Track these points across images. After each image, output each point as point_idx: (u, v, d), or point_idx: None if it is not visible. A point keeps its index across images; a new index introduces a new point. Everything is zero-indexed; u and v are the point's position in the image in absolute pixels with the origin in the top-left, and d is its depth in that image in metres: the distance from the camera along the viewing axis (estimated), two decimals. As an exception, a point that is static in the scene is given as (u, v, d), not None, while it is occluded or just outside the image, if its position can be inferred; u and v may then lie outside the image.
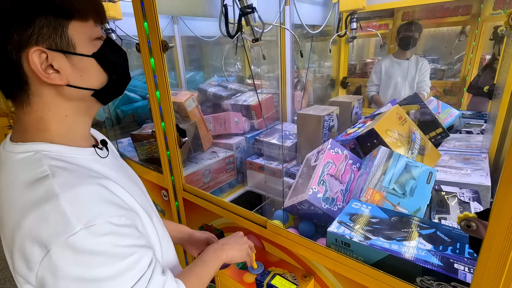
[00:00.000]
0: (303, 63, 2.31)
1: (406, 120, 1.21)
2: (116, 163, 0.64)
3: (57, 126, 0.52)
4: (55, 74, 0.48)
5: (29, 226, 0.44)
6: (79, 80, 0.51)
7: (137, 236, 0.51)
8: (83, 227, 0.43)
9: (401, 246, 0.72)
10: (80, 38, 0.49)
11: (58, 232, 0.43)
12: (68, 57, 0.48)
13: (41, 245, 0.43)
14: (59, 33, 0.47)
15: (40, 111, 0.51)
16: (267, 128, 1.89)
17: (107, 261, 0.45)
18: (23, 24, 0.44)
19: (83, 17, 0.49)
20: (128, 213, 0.51)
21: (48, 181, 0.46)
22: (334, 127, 1.58)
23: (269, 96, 1.94)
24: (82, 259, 0.43)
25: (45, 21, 0.45)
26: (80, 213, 0.44)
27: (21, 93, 0.49)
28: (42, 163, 0.48)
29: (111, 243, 0.46)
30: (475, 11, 2.57)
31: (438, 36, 3.11)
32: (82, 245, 0.43)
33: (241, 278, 0.92)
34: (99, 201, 0.48)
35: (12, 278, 2.27)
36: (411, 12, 2.84)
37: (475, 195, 0.93)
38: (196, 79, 2.62)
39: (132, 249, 0.49)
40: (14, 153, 0.50)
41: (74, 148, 0.53)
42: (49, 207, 0.44)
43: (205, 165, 1.56)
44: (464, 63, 2.77)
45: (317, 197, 0.95)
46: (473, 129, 1.53)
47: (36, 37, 0.45)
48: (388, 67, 2.34)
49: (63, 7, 0.46)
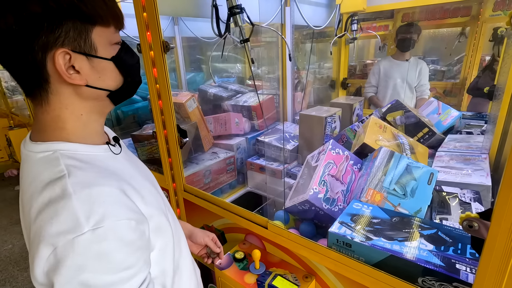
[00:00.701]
0: (304, 64, 2.32)
1: (386, 127, 1.30)
2: (128, 159, 0.66)
3: (73, 125, 0.55)
4: (76, 75, 0.51)
5: (42, 222, 0.46)
6: (97, 81, 0.54)
7: (141, 246, 0.52)
8: (91, 229, 0.45)
9: (403, 246, 0.72)
10: (102, 42, 0.53)
11: (67, 230, 0.45)
12: (89, 59, 0.52)
13: (49, 243, 0.45)
14: (83, 37, 0.50)
15: (57, 110, 0.53)
16: (267, 128, 1.89)
17: (105, 268, 0.46)
18: (52, 26, 0.47)
19: (106, 23, 0.53)
20: (138, 216, 0.52)
21: (64, 180, 0.48)
22: (336, 129, 1.58)
23: (269, 97, 1.94)
24: (82, 262, 0.45)
25: (72, 25, 0.48)
26: (90, 214, 0.46)
27: (41, 91, 0.52)
28: (60, 163, 0.51)
29: (114, 248, 0.47)
30: (475, 13, 2.58)
31: (438, 37, 3.12)
32: (87, 246, 0.45)
33: (242, 279, 0.92)
34: (111, 203, 0.49)
35: (12, 279, 2.27)
36: (411, 13, 2.85)
37: (476, 196, 0.93)
38: (197, 80, 2.63)
39: (131, 261, 0.50)
40: (34, 152, 0.53)
41: (89, 145, 0.56)
42: (61, 205, 0.46)
43: (206, 165, 1.56)
44: (464, 64, 2.78)
45: (318, 198, 0.95)
46: (473, 130, 1.53)
47: (63, 39, 0.48)
48: (386, 68, 2.34)
49: (89, 14, 0.50)
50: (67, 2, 0.47)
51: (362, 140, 1.19)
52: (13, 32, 0.46)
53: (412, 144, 1.26)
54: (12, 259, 2.48)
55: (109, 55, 0.54)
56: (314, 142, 1.53)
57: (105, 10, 0.52)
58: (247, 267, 0.96)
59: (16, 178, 4.07)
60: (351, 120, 1.79)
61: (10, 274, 2.32)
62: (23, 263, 2.42)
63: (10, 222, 3.02)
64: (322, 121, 1.47)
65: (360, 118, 1.84)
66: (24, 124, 3.45)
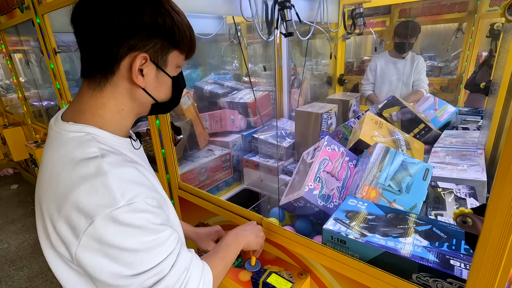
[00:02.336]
0: (300, 60, 2.30)
1: (382, 123, 1.29)
2: (144, 157, 0.73)
3: (111, 115, 0.60)
4: (140, 77, 0.58)
5: (78, 197, 0.50)
6: (153, 89, 0.61)
7: (165, 218, 0.58)
8: (125, 204, 0.50)
9: (397, 242, 0.71)
10: (172, 62, 0.61)
11: (104, 205, 0.49)
12: (157, 71, 0.60)
13: (87, 215, 0.49)
14: (163, 53, 0.59)
15: (106, 99, 0.59)
16: (263, 125, 1.88)
17: (144, 234, 0.51)
18: (148, 36, 0.55)
19: (183, 51, 0.62)
20: (158, 196, 0.58)
21: (98, 159, 0.53)
22: (332, 125, 1.57)
23: (265, 94, 1.93)
24: (123, 230, 0.49)
25: (161, 42, 0.57)
26: (124, 190, 0.51)
27: (102, 78, 0.57)
28: (94, 144, 0.55)
29: (147, 220, 0.52)
30: (472, 8, 2.57)
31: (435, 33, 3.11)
32: (124, 218, 0.49)
33: (237, 276, 0.91)
34: (138, 183, 0.54)
35: (8, 278, 2.25)
36: (408, 9, 2.84)
37: (471, 191, 0.93)
38: (193, 77, 2.60)
39: (163, 227, 0.55)
40: (67, 131, 0.57)
41: (116, 136, 0.61)
42: (98, 181, 0.50)
43: (201, 163, 1.55)
44: (460, 60, 2.77)
45: (313, 194, 0.95)
46: (469, 125, 1.53)
47: (148, 48, 0.56)
48: (383, 65, 2.33)
49: (177, 40, 0.59)
50: (169, 25, 0.56)
51: (358, 136, 1.18)
52: (118, 26, 0.53)
53: (408, 140, 1.25)
54: (8, 258, 2.47)
55: (172, 74, 0.63)
56: (310, 138, 1.53)
57: (188, 42, 0.61)
58: (242, 265, 0.96)
59: (12, 177, 4.04)
60: (348, 116, 1.78)
61: (6, 274, 2.30)
62: (19, 262, 2.41)
63: (6, 221, 3.00)
64: (318, 117, 1.46)
65: (356, 114, 1.84)
66: (18, 122, 3.42)
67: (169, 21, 0.56)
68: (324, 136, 1.48)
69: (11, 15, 2.31)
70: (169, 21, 0.56)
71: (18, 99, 3.15)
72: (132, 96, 0.60)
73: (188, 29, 0.60)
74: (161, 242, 0.54)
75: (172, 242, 0.56)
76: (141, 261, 0.51)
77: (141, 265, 0.51)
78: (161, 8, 0.55)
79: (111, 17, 0.52)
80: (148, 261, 0.52)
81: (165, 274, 0.54)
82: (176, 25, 0.57)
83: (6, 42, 2.85)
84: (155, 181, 0.63)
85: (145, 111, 0.66)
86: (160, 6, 0.55)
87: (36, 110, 3.13)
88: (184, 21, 0.59)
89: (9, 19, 2.37)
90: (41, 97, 3.11)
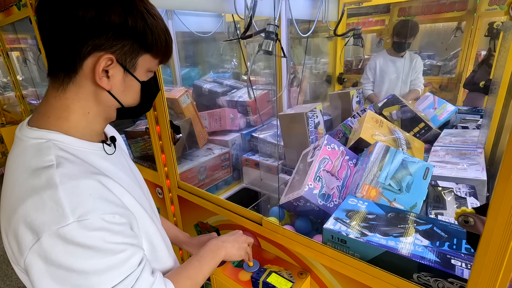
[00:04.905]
0: (300, 59, 2.29)
1: (382, 121, 1.29)
2: (122, 161, 0.67)
3: (77, 119, 0.56)
4: (105, 79, 0.54)
5: (25, 211, 0.46)
6: (119, 93, 0.58)
7: (129, 235, 0.53)
8: (76, 220, 0.45)
9: (398, 242, 0.71)
10: (143, 67, 0.58)
11: (51, 221, 0.45)
12: (124, 73, 0.56)
13: (34, 231, 0.45)
14: (132, 56, 0.55)
15: (69, 100, 0.55)
16: (263, 124, 1.88)
17: (96, 255, 0.47)
18: (116, 37, 0.52)
19: (157, 55, 0.58)
20: (123, 211, 0.53)
21: (51, 170, 0.49)
22: (320, 124, 1.48)
23: (264, 92, 1.92)
24: (71, 250, 0.45)
25: (131, 44, 0.54)
26: (75, 206, 0.46)
27: (65, 77, 0.54)
28: (50, 152, 0.51)
29: (102, 239, 0.47)
30: (471, 7, 2.57)
31: (434, 32, 3.11)
32: (72, 236, 0.45)
33: (237, 276, 0.91)
34: (96, 197, 0.50)
35: (6, 277, 2.24)
36: (407, 8, 2.83)
37: (471, 190, 0.93)
38: (192, 75, 2.59)
39: (122, 247, 0.50)
40: (28, 137, 0.54)
41: (84, 141, 0.57)
42: (47, 195, 0.46)
43: (201, 162, 1.55)
44: (460, 59, 2.77)
45: (313, 194, 0.94)
46: (469, 124, 1.53)
47: (115, 49, 0.53)
48: (382, 64, 2.34)
49: (149, 44, 0.55)
50: (140, 28, 0.53)
51: (358, 135, 1.18)
52: (82, 23, 0.49)
53: (408, 139, 1.25)
54: (6, 257, 2.46)
55: (141, 78, 0.59)
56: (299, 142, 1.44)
57: (163, 47, 0.57)
58: (241, 264, 0.95)
59: (10, 176, 4.02)
60: (352, 108, 1.77)
61: (4, 273, 2.30)
62: (17, 261, 2.40)
63: (3, 220, 2.98)
64: (303, 117, 1.39)
65: (361, 106, 1.83)
66: (16, 121, 3.39)
67: (141, 24, 0.53)
68: (314, 136, 1.45)
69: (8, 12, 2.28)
70: (141, 24, 0.53)
71: (16, 97, 3.12)
72: (97, 98, 0.56)
73: (164, 33, 0.57)
74: (115, 264, 0.49)
75: (131, 264, 0.51)
76: (91, 284, 0.46)
77: None
78: (133, 10, 0.52)
79: (75, 13, 0.49)
80: (98, 285, 0.47)
81: None
82: (149, 28, 0.54)
83: (3, 40, 2.83)
84: (123, 193, 0.57)
85: (112, 115, 0.61)
86: (133, 7, 0.52)
87: (33, 108, 3.11)
88: (159, 24, 0.56)
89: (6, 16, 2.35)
90: (39, 96, 3.09)
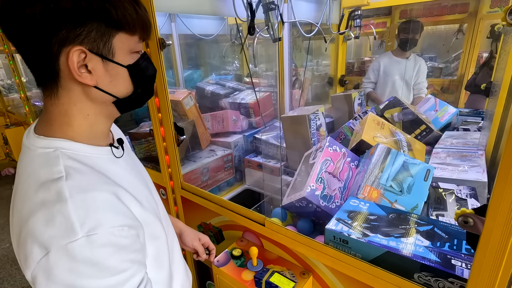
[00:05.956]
0: (301, 61, 2.31)
1: (384, 123, 1.30)
2: (129, 162, 0.65)
3: (79, 123, 0.54)
4: (86, 74, 0.50)
5: (35, 224, 0.45)
6: (107, 85, 0.53)
7: (135, 250, 0.52)
8: (85, 235, 0.45)
9: (399, 242, 0.72)
10: (121, 49, 0.52)
11: (60, 235, 0.44)
12: (104, 62, 0.51)
13: (42, 245, 0.44)
14: (104, 40, 0.50)
15: (66, 105, 0.53)
16: (265, 126, 1.89)
17: (100, 273, 0.46)
18: (76, 24, 0.47)
19: (132, 31, 0.52)
20: (132, 222, 0.52)
21: (61, 183, 0.47)
22: (322, 126, 1.50)
23: (267, 94, 1.94)
24: (76, 267, 0.44)
25: (96, 27, 0.48)
26: (84, 220, 0.45)
27: (52, 84, 0.51)
28: (59, 162, 0.50)
29: (108, 254, 0.47)
30: (472, 9, 2.58)
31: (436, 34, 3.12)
32: (79, 252, 0.44)
33: (240, 276, 0.92)
34: (105, 210, 0.49)
35: (10, 278, 2.26)
36: (408, 10, 2.85)
37: (472, 192, 0.94)
38: (194, 77, 2.62)
39: (125, 265, 0.49)
40: (35, 146, 0.52)
41: (92, 147, 0.56)
42: (56, 209, 0.45)
43: (203, 163, 1.56)
44: (461, 61, 2.78)
45: (315, 195, 0.95)
46: (470, 126, 1.53)
47: (83, 38, 0.48)
48: (386, 65, 2.34)
49: (117, 19, 0.49)
50: (98, 4, 0.47)
51: (359, 137, 1.19)
52: (35, 20, 0.45)
53: (410, 141, 1.26)
54: (10, 257, 2.48)
55: (126, 62, 0.53)
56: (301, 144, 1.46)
57: (135, 19, 0.51)
58: (244, 264, 0.97)
59: (13, 177, 4.05)
60: (353, 111, 1.78)
61: (8, 273, 2.31)
62: (21, 261, 2.42)
63: (7, 221, 3.00)
64: (305, 119, 1.41)
65: (363, 109, 1.84)
66: (20, 122, 3.43)
67: (98, 0, 0.47)
68: (316, 138, 1.46)
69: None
70: (98, 0, 0.47)
71: (20, 99, 3.15)
72: (89, 97, 0.53)
73: (131, 3, 0.50)
74: (115, 285, 0.47)
75: (131, 285, 0.49)
76: None
77: None
78: None
79: (23, 12, 0.45)
80: None
81: None
82: (109, 3, 0.48)
83: (8, 42, 2.86)
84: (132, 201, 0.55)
85: (113, 112, 0.58)
86: None
87: (38, 110, 3.15)
88: None
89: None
90: (43, 97, 3.12)
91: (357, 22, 2.01)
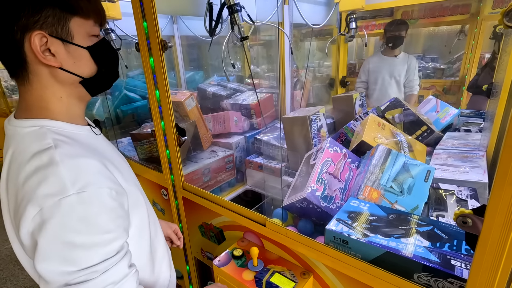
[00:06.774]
0: (303, 62, 2.32)
1: (385, 124, 1.30)
2: (110, 144, 0.72)
3: (55, 105, 0.59)
4: (51, 57, 0.55)
5: (30, 186, 0.50)
6: (71, 66, 0.58)
7: (120, 215, 0.56)
8: (75, 192, 0.49)
9: (399, 243, 0.72)
10: (79, 32, 0.57)
11: (53, 193, 0.49)
12: (65, 45, 0.56)
13: (36, 203, 0.49)
14: (61, 24, 0.54)
15: (39, 90, 0.57)
16: (266, 127, 1.90)
17: (88, 229, 0.50)
18: (33, 10, 0.51)
19: (85, 15, 0.58)
20: (119, 188, 0.57)
21: (52, 150, 0.52)
22: (322, 127, 1.51)
23: (268, 96, 1.94)
24: (67, 222, 0.49)
25: (52, 12, 0.53)
26: (75, 179, 0.50)
27: (22, 71, 0.56)
28: (47, 137, 0.55)
29: (96, 213, 0.51)
30: (474, 10, 2.58)
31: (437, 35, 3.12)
32: (71, 207, 0.49)
33: (241, 276, 0.93)
34: (94, 173, 0.54)
35: (13, 277, 2.28)
36: (410, 11, 2.85)
37: (472, 193, 0.94)
38: (196, 78, 2.63)
39: (112, 226, 0.53)
40: (22, 127, 0.57)
41: (73, 125, 0.61)
42: (49, 171, 0.50)
43: (205, 164, 1.57)
44: (463, 62, 2.78)
45: (315, 195, 0.96)
46: (471, 127, 1.53)
47: (41, 23, 0.52)
48: (375, 64, 2.36)
49: (70, 4, 0.54)
50: None
51: (360, 137, 1.19)
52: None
53: (410, 142, 1.26)
54: (13, 257, 2.49)
55: (85, 44, 0.59)
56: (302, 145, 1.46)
57: (87, 4, 0.57)
58: (245, 264, 0.97)
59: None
60: (354, 112, 1.78)
61: (11, 273, 2.33)
62: (24, 261, 2.43)
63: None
64: (306, 120, 1.42)
65: (364, 110, 1.84)
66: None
67: None
68: (317, 139, 1.46)
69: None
70: None
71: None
72: (57, 79, 0.58)
73: None
74: (99, 243, 0.51)
75: (112, 249, 0.53)
76: (74, 257, 0.50)
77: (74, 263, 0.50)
78: None
79: None
80: (80, 260, 0.50)
81: (90, 278, 0.51)
82: None
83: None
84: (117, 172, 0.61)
85: (82, 93, 0.62)
86: None
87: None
88: None
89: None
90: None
91: (352, 25, 2.04)
